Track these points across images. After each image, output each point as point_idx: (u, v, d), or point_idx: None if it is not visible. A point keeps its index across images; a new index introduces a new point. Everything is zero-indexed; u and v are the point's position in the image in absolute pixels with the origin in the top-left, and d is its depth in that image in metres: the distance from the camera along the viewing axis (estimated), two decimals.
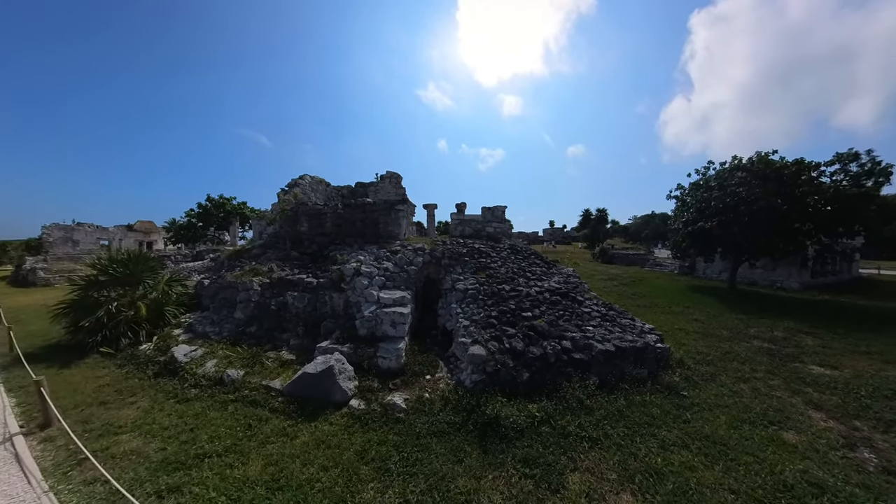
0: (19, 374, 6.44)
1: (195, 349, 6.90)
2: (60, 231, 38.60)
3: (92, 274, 8.61)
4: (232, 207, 34.47)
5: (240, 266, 9.99)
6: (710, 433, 4.71)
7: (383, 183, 18.70)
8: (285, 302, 8.08)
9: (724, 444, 4.50)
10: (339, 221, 11.90)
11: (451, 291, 8.86)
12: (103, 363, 7.01)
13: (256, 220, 20.14)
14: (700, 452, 4.32)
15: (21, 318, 11.33)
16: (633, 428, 4.72)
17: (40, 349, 7.93)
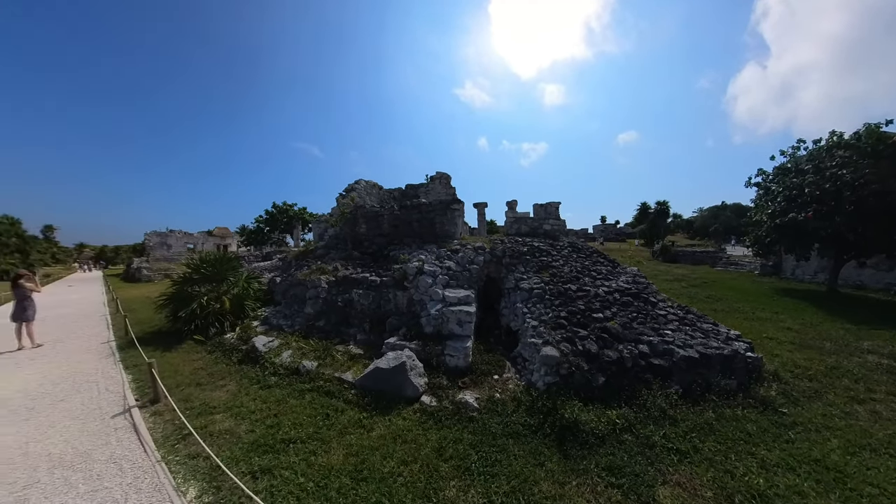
0: (133, 354, 7.25)
1: (272, 340, 7.27)
2: (158, 237, 45.05)
3: (186, 272, 9.56)
4: (294, 213, 37.19)
5: (307, 265, 10.49)
6: (820, 457, 4.08)
7: (433, 184, 18.81)
8: (351, 299, 8.26)
9: (840, 471, 3.85)
10: (395, 222, 12.09)
11: (515, 291, 8.48)
12: (196, 349, 7.67)
13: (315, 223, 21.35)
14: (810, 477, 3.75)
15: (133, 307, 13.02)
16: (726, 444, 4.31)
17: (148, 334, 8.95)
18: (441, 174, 18.85)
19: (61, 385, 5.99)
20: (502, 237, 11.98)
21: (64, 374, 6.46)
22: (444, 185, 18.76)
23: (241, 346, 7.32)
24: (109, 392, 5.60)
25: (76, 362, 7.15)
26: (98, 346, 8.28)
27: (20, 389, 5.89)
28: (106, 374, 6.31)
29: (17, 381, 6.26)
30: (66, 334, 9.55)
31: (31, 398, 5.53)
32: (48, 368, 6.82)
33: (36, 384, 6.09)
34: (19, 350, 8.03)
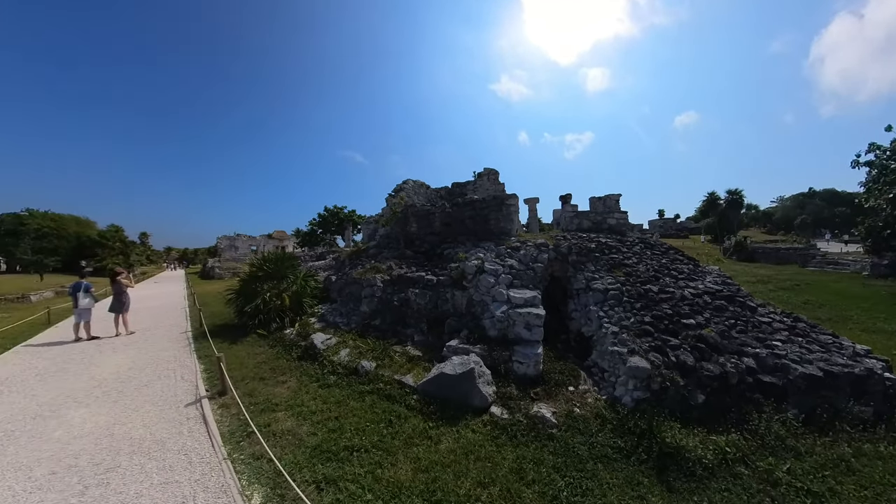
0: (205, 345, 7.58)
1: (329, 338, 7.16)
2: (227, 240, 50.01)
3: (251, 270, 9.95)
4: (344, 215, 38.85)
5: (361, 264, 10.44)
6: None
7: (482, 180, 18.13)
8: (407, 298, 7.94)
9: None
10: (447, 220, 11.69)
11: (587, 291, 7.60)
12: (259, 343, 7.84)
13: (364, 224, 21.83)
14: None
15: (206, 301, 14.10)
16: (873, 488, 3.56)
17: (218, 326, 9.44)
18: (489, 170, 18.12)
19: (146, 370, 6.34)
20: (563, 233, 11.02)
21: (148, 361, 6.87)
22: (493, 181, 18.03)
23: (301, 342, 7.30)
24: (184, 381, 5.77)
25: (159, 350, 7.63)
26: (177, 336, 8.86)
27: (113, 372, 6.33)
28: (182, 364, 6.59)
29: (112, 364, 6.78)
30: (154, 324, 10.45)
31: (121, 381, 5.87)
32: (137, 354, 7.33)
33: (126, 368, 6.51)
34: (116, 336, 8.88)
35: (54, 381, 6.00)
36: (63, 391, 5.56)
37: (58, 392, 5.54)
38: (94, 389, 5.58)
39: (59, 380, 6.07)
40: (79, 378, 6.12)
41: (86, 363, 6.91)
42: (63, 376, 6.23)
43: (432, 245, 11.05)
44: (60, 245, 36.93)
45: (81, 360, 7.10)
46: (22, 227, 35.37)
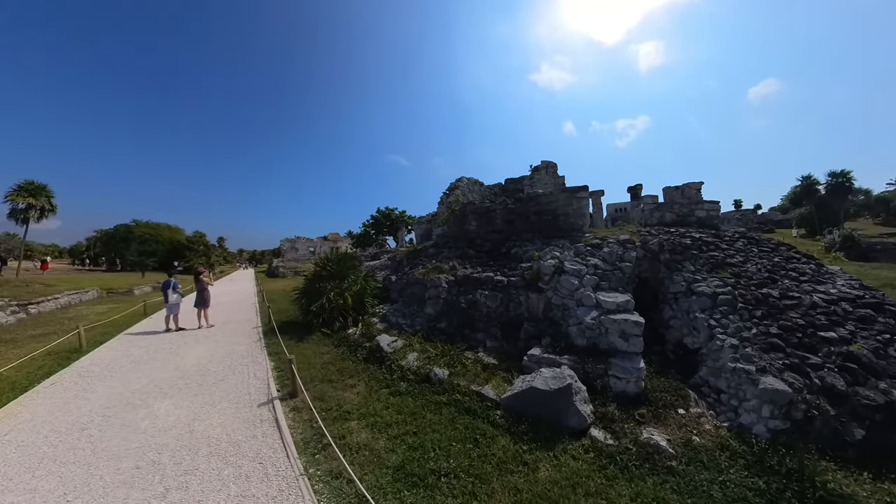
0: (274, 342, 7.63)
1: (395, 340, 6.75)
2: (288, 242, 54.15)
3: (315, 270, 10.02)
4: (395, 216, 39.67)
5: (422, 264, 10.04)
6: None
7: (539, 174, 16.96)
8: (475, 300, 7.31)
9: None
10: (510, 217, 10.89)
11: (688, 296, 6.37)
12: (324, 341, 7.71)
13: (417, 224, 21.71)
14: None
15: (273, 298, 14.78)
16: None
17: (285, 323, 9.62)
18: (547, 163, 16.91)
19: (222, 364, 6.42)
20: (642, 228, 9.64)
21: (225, 355, 7.01)
22: (552, 174, 16.79)
23: (365, 343, 6.99)
24: (256, 378, 5.68)
25: (233, 344, 7.84)
26: (249, 331, 9.14)
27: (195, 364, 6.52)
28: (254, 360, 6.60)
29: (194, 356, 7.04)
30: (229, 318, 11.02)
31: (201, 374, 5.96)
32: (215, 348, 7.58)
33: (206, 360, 6.69)
34: (199, 328, 9.43)
35: (146, 369, 6.31)
36: (152, 380, 5.77)
37: (148, 380, 5.77)
38: (177, 381, 5.71)
39: (150, 368, 6.38)
40: (166, 367, 6.38)
41: (172, 353, 7.25)
42: (153, 365, 6.55)
43: (494, 244, 10.32)
44: (158, 248, 42.49)
45: (169, 350, 7.49)
46: (130, 235, 41.43)
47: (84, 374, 6.27)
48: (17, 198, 18.78)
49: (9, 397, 5.29)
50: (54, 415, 4.65)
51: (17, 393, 5.46)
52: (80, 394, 5.36)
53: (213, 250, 51.58)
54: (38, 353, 7.36)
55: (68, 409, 4.83)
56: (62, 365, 6.79)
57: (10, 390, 5.55)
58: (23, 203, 18.86)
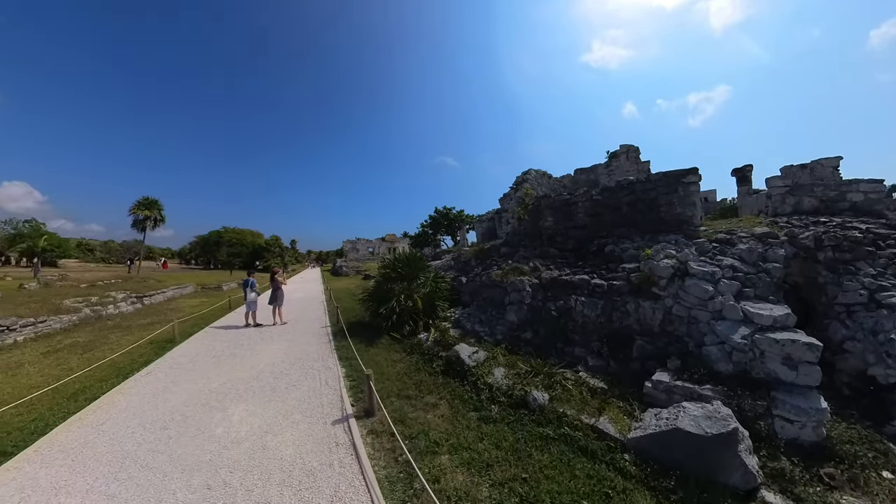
0: (343, 344, 7.23)
1: (476, 351, 5.82)
2: (350, 244, 57.32)
3: (384, 272, 9.58)
4: (454, 216, 39.25)
5: (496, 264, 9.06)
6: None
7: (618, 160, 14.83)
8: (568, 307, 6.11)
9: None
10: (595, 210, 9.38)
11: (871, 309, 4.52)
12: (395, 347, 7.11)
13: (477, 223, 20.77)
14: None
15: (339, 296, 14.96)
16: None
17: (352, 324, 9.32)
18: (627, 147, 14.73)
19: (295, 367, 6.11)
20: (784, 219, 7.48)
21: (297, 356, 6.75)
22: (633, 159, 14.57)
23: (441, 352, 6.18)
24: (328, 387, 5.16)
25: (304, 344, 7.61)
26: (319, 330, 8.96)
27: (269, 363, 6.32)
28: (326, 365, 6.16)
29: (268, 354, 6.90)
30: (300, 316, 11.15)
31: (275, 376, 5.66)
32: (288, 347, 7.42)
33: (279, 360, 6.47)
34: (273, 325, 9.58)
35: (225, 367, 6.27)
36: (229, 378, 5.63)
37: (226, 378, 5.64)
38: (252, 381, 5.46)
39: (228, 366, 6.32)
40: (242, 365, 6.27)
41: (249, 350, 7.23)
42: (231, 362, 6.50)
43: (579, 241, 8.94)
44: (242, 250, 48.08)
45: (246, 347, 7.51)
46: (220, 239, 47.71)
47: (174, 366, 6.47)
48: (137, 210, 22.76)
49: (113, 383, 5.67)
50: (143, 408, 4.70)
51: (120, 379, 5.84)
52: (168, 387, 5.45)
53: (286, 252, 56.57)
54: (143, 342, 8.01)
55: (156, 402, 4.88)
56: (158, 355, 7.19)
57: (115, 376, 5.99)
58: (141, 214, 22.80)
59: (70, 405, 4.79)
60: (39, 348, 8.23)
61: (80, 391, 5.27)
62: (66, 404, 4.83)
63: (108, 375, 5.98)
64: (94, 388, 5.38)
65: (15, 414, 4.47)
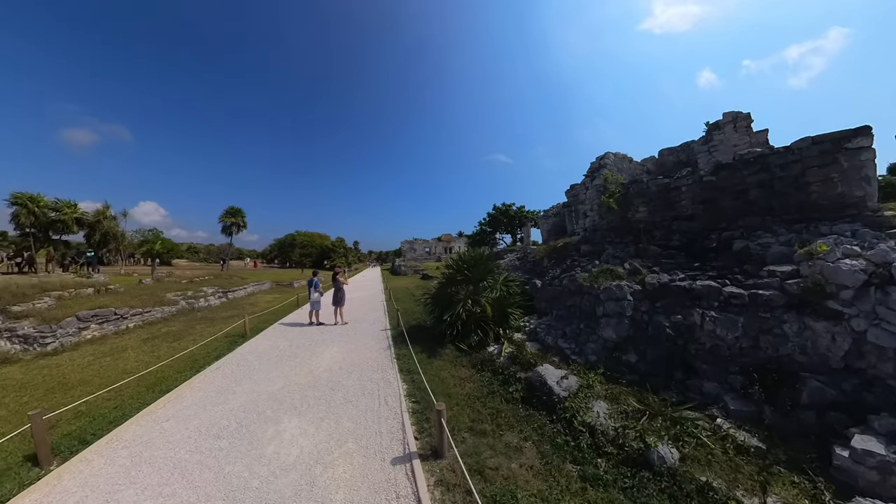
0: (404, 352, 6.59)
1: (564, 375, 4.65)
2: (407, 244, 59.03)
3: (449, 273, 8.61)
4: (514, 212, 37.51)
5: (578, 265, 7.69)
6: None
7: (721, 133, 11.78)
8: (689, 324, 4.60)
9: None
10: (707, 196, 7.45)
11: None
12: (461, 359, 6.25)
13: (542, 219, 19.10)
14: None
15: (398, 296, 14.74)
16: None
17: (412, 327, 8.73)
18: (735, 115, 11.62)
19: (352, 376, 5.59)
20: None
21: (355, 362, 6.27)
22: (744, 130, 11.49)
23: (518, 372, 5.12)
24: (388, 408, 4.44)
25: (364, 348, 7.14)
26: (378, 333, 8.50)
27: (327, 368, 5.94)
28: (385, 378, 5.50)
29: (327, 357, 6.56)
30: (360, 316, 10.95)
31: (331, 386, 5.17)
32: (346, 350, 7.02)
33: (337, 366, 6.05)
34: (335, 325, 9.46)
35: (285, 367, 6.08)
36: (287, 383, 5.34)
37: (284, 382, 5.38)
38: (308, 389, 5.05)
39: (288, 366, 6.11)
40: (301, 368, 5.99)
41: (310, 352, 6.99)
42: (291, 363, 6.30)
43: (687, 235, 7.15)
44: (312, 251, 52.72)
45: (308, 347, 7.31)
46: (293, 242, 53.01)
47: (240, 362, 6.50)
48: (225, 218, 26.84)
49: (186, 376, 5.84)
50: (205, 408, 4.62)
51: (193, 372, 6.03)
52: (230, 386, 5.37)
53: (350, 252, 60.31)
54: (220, 335, 8.44)
55: (216, 403, 4.77)
56: (230, 349, 7.38)
57: (189, 368, 6.22)
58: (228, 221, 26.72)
59: (147, 396, 4.96)
60: (142, 335, 9.19)
61: (159, 381, 5.54)
62: (144, 395, 4.99)
63: (184, 367, 6.22)
64: (170, 380, 5.62)
65: (106, 398, 4.79)
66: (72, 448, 3.68)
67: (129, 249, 29.62)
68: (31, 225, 20.73)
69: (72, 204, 23.85)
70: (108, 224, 26.19)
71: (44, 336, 8.23)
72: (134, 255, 33.13)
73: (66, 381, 5.74)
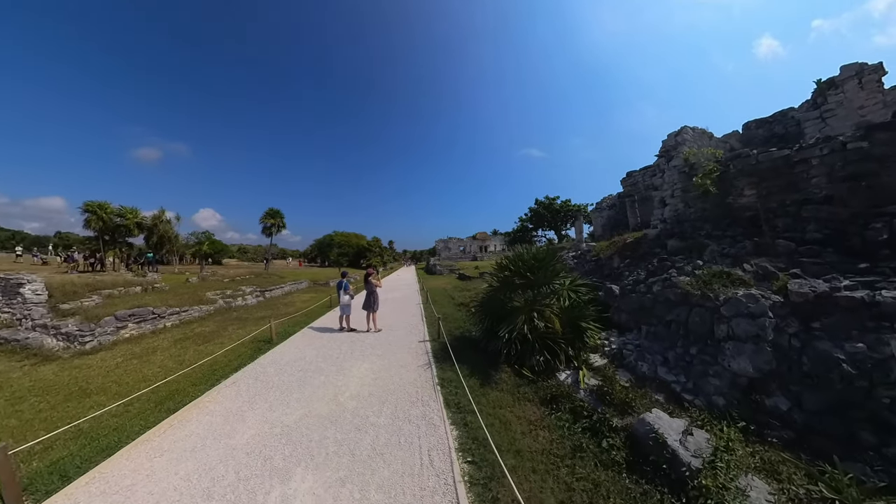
0: (449, 375, 5.27)
1: (687, 428, 3.06)
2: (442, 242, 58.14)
3: (504, 276, 6.98)
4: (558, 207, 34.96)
5: (673, 265, 5.90)
6: None
7: (839, 93, 9.01)
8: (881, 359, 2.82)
9: None
10: (855, 169, 5.39)
11: None
12: (522, 389, 4.78)
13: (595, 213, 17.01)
14: None
15: (435, 298, 13.50)
16: None
17: (455, 338, 7.41)
18: (859, 66, 8.82)
19: (385, 408, 4.37)
20: None
21: (390, 386, 5.06)
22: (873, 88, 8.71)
23: (613, 417, 3.60)
24: (433, 470, 3.11)
25: (400, 366, 5.91)
26: (416, 346, 7.19)
27: (355, 394, 4.80)
28: (427, 416, 4.12)
29: (356, 377, 5.45)
30: (395, 321, 9.83)
31: (358, 426, 3.92)
32: (379, 367, 5.87)
33: (367, 391, 4.89)
34: (367, 332, 8.40)
35: (307, 388, 5.10)
36: (307, 413, 4.30)
37: (303, 412, 4.33)
38: (330, 427, 3.90)
39: (310, 387, 5.11)
40: (325, 392, 4.93)
41: (337, 367, 5.92)
42: (314, 382, 5.31)
43: (829, 225, 5.16)
44: (349, 251, 53.72)
45: (335, 361, 6.28)
46: (332, 241, 54.62)
47: (259, 377, 5.65)
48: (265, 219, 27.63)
49: (200, 390, 5.18)
50: (206, 441, 3.77)
51: (207, 386, 5.35)
52: (241, 410, 4.48)
53: (385, 252, 60.65)
54: (248, 339, 7.84)
55: (219, 435, 3.89)
56: (252, 358, 6.65)
57: (205, 381, 5.53)
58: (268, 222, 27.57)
59: (152, 415, 4.37)
60: (176, 335, 8.86)
61: (171, 395, 4.92)
62: (151, 413, 4.44)
63: (201, 379, 5.57)
64: (182, 394, 4.98)
65: (113, 415, 4.35)
66: (49, 486, 3.11)
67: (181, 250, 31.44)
68: (99, 229, 22.35)
69: (134, 210, 25.57)
70: (163, 227, 27.93)
71: (83, 334, 8.03)
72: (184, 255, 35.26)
73: (87, 387, 5.39)
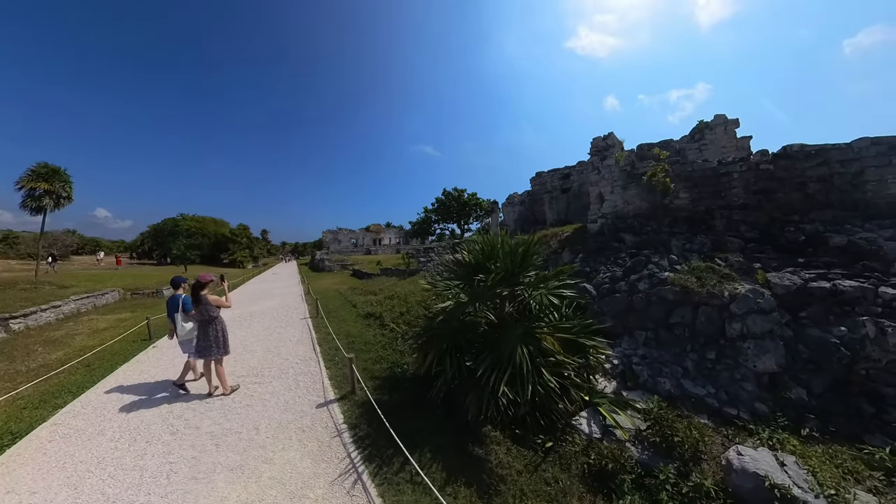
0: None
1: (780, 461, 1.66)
2: (331, 234, 51.60)
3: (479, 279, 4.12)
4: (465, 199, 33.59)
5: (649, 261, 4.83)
6: None
7: (711, 134, 11.42)
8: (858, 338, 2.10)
9: None
10: (764, 186, 5.98)
11: None
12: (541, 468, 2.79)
13: (507, 206, 16.73)
14: None
15: (330, 308, 10.07)
16: None
17: (385, 389, 4.64)
18: (723, 119, 11.31)
19: None
20: None
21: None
22: (732, 133, 11.15)
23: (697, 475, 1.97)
24: None
25: (287, 498, 2.88)
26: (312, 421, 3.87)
27: None
28: None
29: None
30: (266, 360, 5.84)
31: None
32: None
33: None
34: (210, 395, 4.58)
35: None
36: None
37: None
38: None
39: None
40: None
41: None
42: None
43: (754, 227, 5.18)
44: (203, 242, 40.26)
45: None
46: (177, 228, 39.49)
47: None
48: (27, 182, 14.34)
49: None
50: None
51: None
52: None
53: (256, 243, 49.16)
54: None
55: None
56: None
57: None
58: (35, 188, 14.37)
59: None
60: None
61: None
62: None
63: None
64: None
65: None
66: None
67: None
68: None
69: None
70: None
71: None
72: None
73: None
